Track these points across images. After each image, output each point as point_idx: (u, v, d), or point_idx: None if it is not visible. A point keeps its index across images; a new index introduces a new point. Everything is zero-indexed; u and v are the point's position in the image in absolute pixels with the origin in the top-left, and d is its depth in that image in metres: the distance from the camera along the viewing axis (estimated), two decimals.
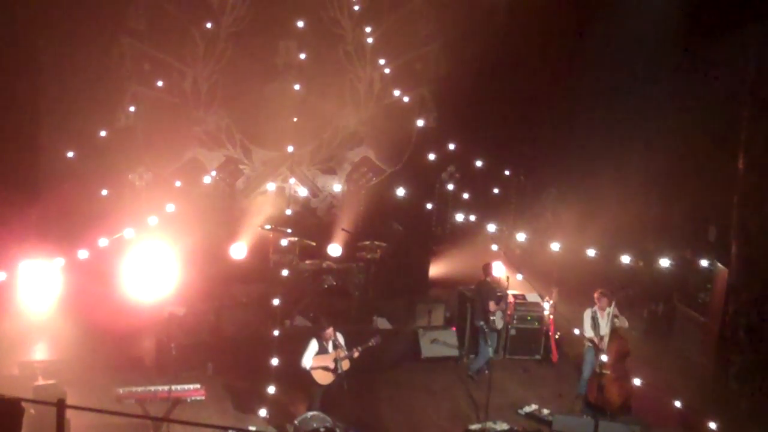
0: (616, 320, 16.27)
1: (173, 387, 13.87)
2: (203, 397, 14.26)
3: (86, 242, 17.01)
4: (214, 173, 20.52)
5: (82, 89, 18.90)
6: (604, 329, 16.14)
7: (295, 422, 14.21)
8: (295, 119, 19.96)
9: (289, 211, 19.49)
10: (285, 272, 17.50)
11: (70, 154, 19.16)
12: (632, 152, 20.05)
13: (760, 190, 16.02)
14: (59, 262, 16.98)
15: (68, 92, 18.83)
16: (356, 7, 21.21)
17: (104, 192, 19.44)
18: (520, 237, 19.72)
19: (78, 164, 19.18)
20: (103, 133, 19.41)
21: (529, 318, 18.99)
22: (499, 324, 18.10)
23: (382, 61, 21.27)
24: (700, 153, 18.75)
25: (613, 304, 16.26)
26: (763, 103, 15.87)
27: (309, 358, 14.76)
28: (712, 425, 14.64)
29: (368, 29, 21.24)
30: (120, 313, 16.74)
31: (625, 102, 19.73)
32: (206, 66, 20.49)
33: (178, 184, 20.05)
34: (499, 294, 18.04)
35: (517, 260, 20.13)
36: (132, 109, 19.89)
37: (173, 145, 20.28)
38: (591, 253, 17.83)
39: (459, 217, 20.55)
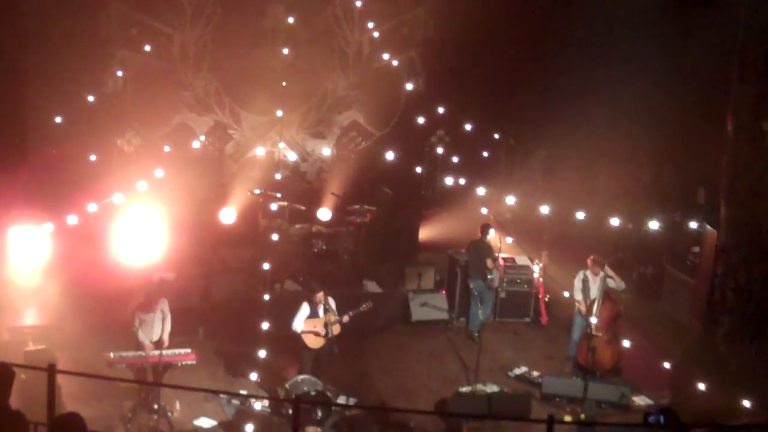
0: (611, 282, 16.29)
1: (164, 352, 13.86)
2: (194, 362, 14.26)
3: (75, 207, 16.97)
4: (202, 138, 20.39)
5: (70, 54, 18.70)
6: (595, 293, 16.16)
7: (286, 386, 14.24)
8: (284, 83, 19.87)
9: (278, 176, 19.43)
10: (275, 237, 17.49)
11: (58, 120, 19.03)
12: (622, 115, 19.99)
13: (749, 153, 15.99)
14: (48, 227, 16.92)
15: (55, 57, 18.64)
16: None
17: (93, 157, 19.33)
18: (510, 200, 19.71)
19: (66, 129, 19.06)
20: (91, 98, 19.26)
21: (518, 281, 19.00)
22: (496, 282, 18.12)
23: (370, 25, 21.15)
24: (690, 115, 18.70)
25: (606, 266, 16.29)
26: (752, 66, 15.81)
27: (300, 322, 14.76)
28: (701, 386, 14.72)
29: None
30: (110, 278, 16.67)
31: (615, 65, 19.63)
32: (194, 30, 20.30)
33: (166, 149, 19.94)
34: (493, 256, 18.06)
35: (506, 223, 20.13)
36: (120, 74, 19.72)
37: (162, 110, 20.13)
38: (581, 216, 17.83)
39: (448, 181, 20.53)
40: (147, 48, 19.90)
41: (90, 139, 19.28)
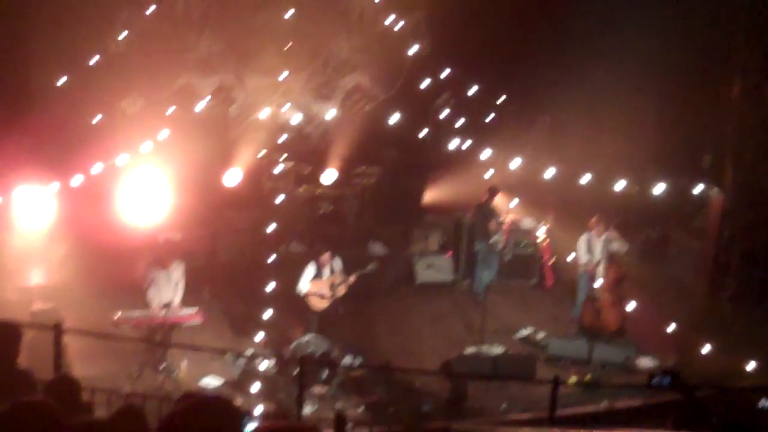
0: (614, 244, 16.31)
1: (170, 311, 13.90)
2: (200, 322, 14.34)
3: (80, 168, 16.93)
4: (207, 100, 20.31)
5: (73, 15, 18.60)
6: (599, 254, 16.18)
7: (292, 346, 14.31)
8: (288, 45, 19.77)
9: (283, 138, 19.41)
10: (280, 198, 17.49)
11: (62, 81, 18.95)
12: (627, 79, 19.88)
13: (755, 117, 15.96)
14: (54, 187, 16.90)
15: (58, 19, 18.54)
16: None
17: (97, 119, 19.25)
18: (515, 163, 19.66)
19: (70, 90, 18.97)
20: (94, 60, 19.17)
21: (523, 243, 19.01)
22: (499, 245, 18.09)
23: None
24: (696, 79, 18.62)
25: (611, 228, 16.29)
26: (758, 30, 15.74)
27: (305, 283, 14.81)
28: (706, 348, 14.77)
29: None
30: (116, 238, 16.68)
31: (621, 29, 19.52)
32: None
33: (171, 110, 19.85)
34: (498, 219, 18.05)
35: (511, 186, 20.09)
36: (123, 34, 19.61)
37: (165, 72, 20.03)
38: (586, 179, 17.81)
39: (453, 144, 20.48)
40: (151, 8, 19.78)
41: (94, 100, 19.18)
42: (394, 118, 20.64)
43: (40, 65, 18.65)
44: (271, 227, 16.61)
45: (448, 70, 20.97)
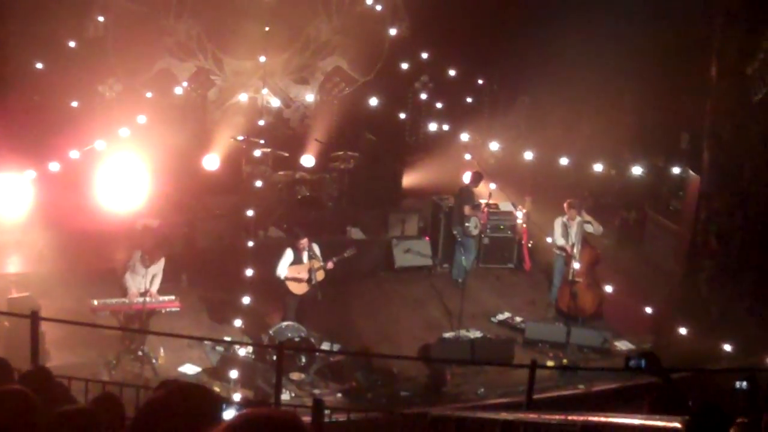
0: (588, 227, 16.33)
1: (148, 299, 13.86)
2: (178, 309, 14.33)
3: (57, 154, 16.83)
4: (185, 84, 20.21)
5: None
6: (575, 237, 16.20)
7: (270, 332, 14.31)
8: (267, 29, 19.67)
9: (261, 122, 19.34)
10: (258, 183, 17.44)
11: (39, 65, 18.81)
12: (605, 60, 19.86)
13: (732, 98, 15.94)
14: (30, 174, 16.79)
15: (35, 2, 18.40)
16: None
17: (74, 104, 19.13)
18: (494, 146, 19.66)
19: (47, 76, 18.84)
20: (72, 44, 19.04)
21: (501, 227, 19.00)
22: (473, 231, 18.04)
23: None
24: (673, 60, 18.62)
25: (583, 211, 16.31)
26: (737, 9, 15.72)
27: (284, 268, 14.77)
28: (683, 330, 14.82)
29: None
30: (93, 225, 16.59)
31: (599, 10, 19.50)
32: None
33: (149, 95, 19.76)
34: (476, 203, 18.03)
35: (490, 169, 20.08)
36: (101, 18, 19.47)
37: (144, 56, 19.91)
38: (564, 161, 17.81)
39: (432, 127, 20.48)
40: None
41: (71, 85, 19.06)
42: (374, 102, 20.60)
43: (16, 49, 18.50)
44: (250, 212, 16.55)
45: (426, 53, 20.94)
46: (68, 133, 17.77)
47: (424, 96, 21.78)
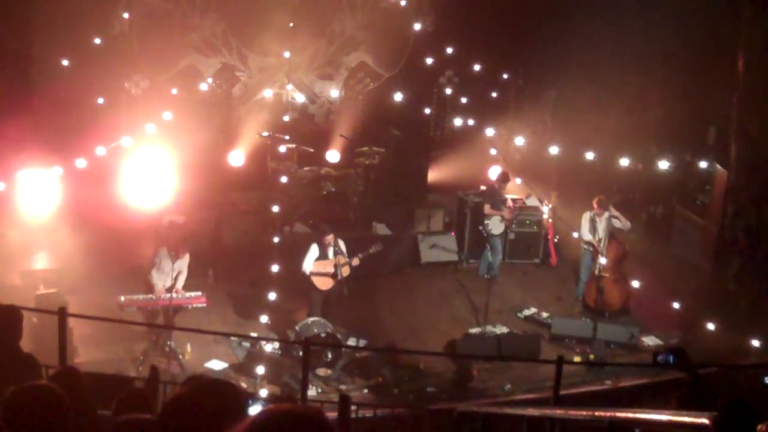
0: (617, 222, 16.29)
1: (174, 295, 13.93)
2: (204, 305, 14.36)
3: (83, 151, 16.92)
4: (210, 80, 20.26)
5: None
6: (602, 232, 16.16)
7: (296, 328, 14.34)
8: (291, 24, 19.70)
9: (286, 118, 19.37)
10: (283, 179, 17.48)
11: (65, 63, 18.92)
12: (632, 54, 19.80)
13: (760, 91, 15.88)
14: (57, 170, 16.90)
15: None
16: None
17: (100, 100, 19.22)
18: (519, 141, 19.63)
19: (73, 72, 18.94)
20: (97, 41, 19.12)
21: (527, 222, 18.98)
22: (494, 229, 17.91)
23: None
24: (700, 53, 18.52)
25: (611, 207, 16.26)
26: (763, 2, 15.65)
27: (309, 263, 14.80)
28: (710, 326, 14.76)
29: None
30: (119, 221, 16.66)
31: (625, 2, 19.43)
32: None
33: (174, 91, 19.82)
34: (501, 200, 17.96)
35: (516, 164, 20.07)
36: (126, 15, 19.55)
37: (169, 53, 19.96)
38: (590, 156, 17.76)
39: (457, 122, 20.45)
40: None
41: (97, 81, 19.15)
42: (398, 97, 20.60)
43: (43, 46, 18.61)
44: (275, 208, 16.60)
45: (451, 48, 20.92)
46: (94, 129, 17.87)
47: (449, 91, 21.75)
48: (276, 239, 16.22)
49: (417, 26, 21.08)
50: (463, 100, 21.57)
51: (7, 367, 7.13)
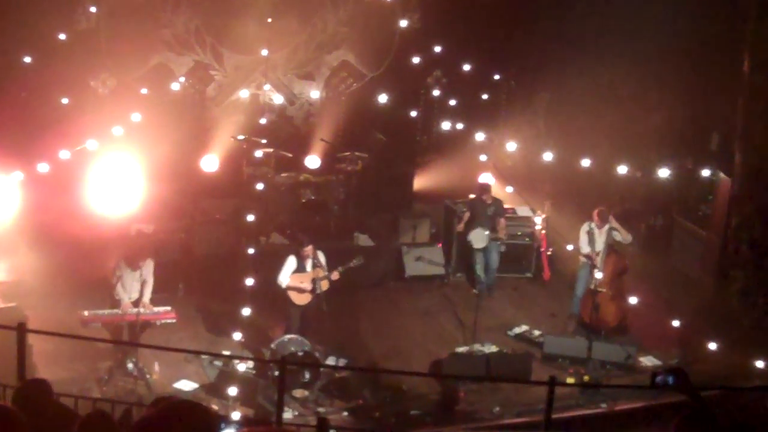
0: (616, 234, 16.29)
1: (142, 310, 13.86)
2: (174, 320, 14.31)
3: (46, 155, 16.81)
4: (182, 80, 20.20)
5: None
6: (601, 245, 16.16)
7: (272, 346, 14.30)
8: (269, 20, 19.67)
9: (263, 120, 19.33)
10: (260, 186, 17.42)
11: (27, 59, 18.82)
12: (630, 54, 19.83)
13: (766, 95, 15.91)
14: (17, 176, 16.80)
15: None
16: None
17: (65, 100, 19.13)
18: (511, 146, 19.61)
19: (35, 70, 18.85)
20: (62, 36, 19.03)
21: (519, 233, 18.97)
22: (476, 243, 17.83)
23: None
24: (704, 55, 18.56)
25: (611, 218, 16.26)
26: None
27: (286, 276, 14.76)
28: (712, 345, 14.75)
29: None
30: (84, 231, 16.58)
31: (622, 1, 19.47)
32: None
33: (144, 91, 19.75)
34: (490, 213, 17.91)
35: (507, 171, 20.05)
36: (93, 9, 19.47)
37: (138, 50, 19.88)
38: (586, 163, 17.76)
39: (445, 126, 20.42)
40: None
41: (62, 80, 19.06)
42: (383, 98, 20.58)
43: (2, 41, 18.52)
44: (251, 217, 16.54)
45: (439, 47, 20.90)
46: (58, 131, 17.76)
47: (436, 92, 21.73)
48: (251, 250, 16.18)
49: (403, 23, 21.06)
50: (452, 102, 21.56)
51: None
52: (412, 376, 14.57)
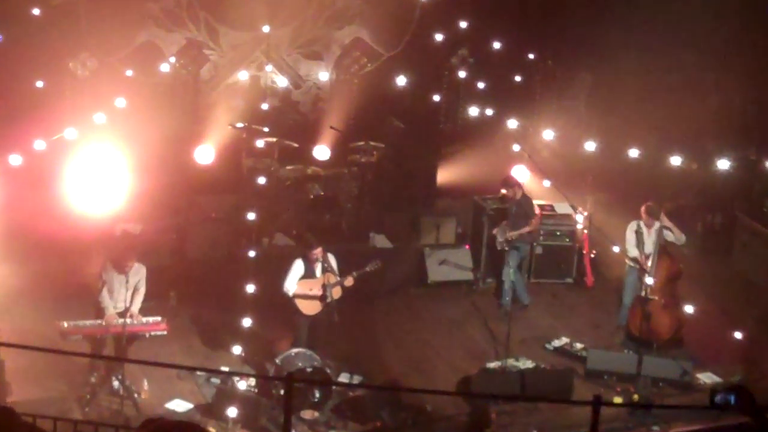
0: (668, 234, 16.27)
1: (128, 320, 13.90)
2: (165, 332, 14.32)
3: (19, 145, 16.88)
4: (173, 60, 20.27)
5: None
6: (650, 247, 16.14)
7: (277, 361, 14.32)
8: None
9: (265, 106, 19.37)
10: (261, 180, 17.47)
11: None
12: (684, 31, 19.84)
13: None
14: None
15: None
16: None
17: (39, 84, 19.21)
18: (548, 135, 19.62)
19: (6, 50, 18.94)
20: (36, 11, 19.11)
21: (558, 233, 18.99)
22: (499, 245, 17.93)
23: None
24: (764, 28, 18.56)
25: (663, 216, 16.24)
26: None
27: (293, 283, 14.78)
28: None
29: None
30: (62, 231, 16.65)
31: None
32: None
33: (129, 73, 19.82)
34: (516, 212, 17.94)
35: (543, 163, 20.04)
36: None
37: (123, 26, 19.95)
38: (634, 154, 17.76)
39: (473, 112, 20.42)
40: None
41: (36, 61, 19.14)
42: (401, 81, 20.58)
43: None
44: (251, 216, 16.58)
45: (466, 22, 20.92)
46: (32, 119, 17.84)
47: (462, 74, 21.74)
48: (252, 253, 16.21)
49: None
50: (480, 84, 21.55)
51: None
52: (437, 395, 14.61)
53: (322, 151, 19.40)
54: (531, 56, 22.37)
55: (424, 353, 16.31)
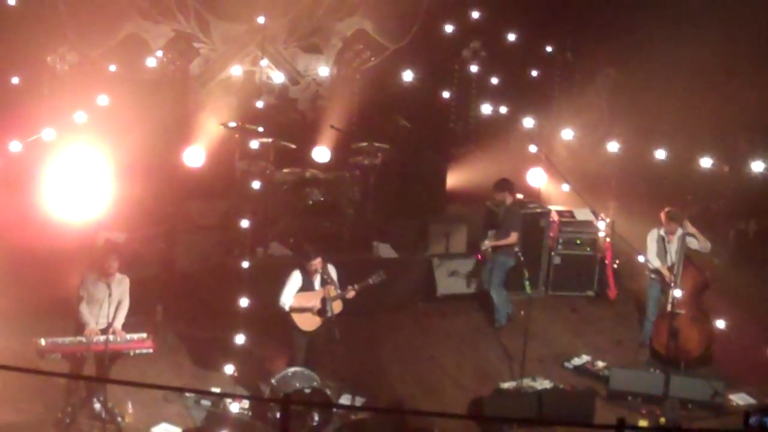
0: (693, 241, 16.27)
1: (111, 337, 13.91)
2: (151, 350, 14.31)
3: None
4: (160, 54, 20.32)
5: None
6: (675, 256, 16.14)
7: (272, 381, 14.31)
8: None
9: (260, 104, 19.39)
10: (256, 185, 17.48)
11: None
12: (713, 21, 19.86)
13: None
14: None
15: None
16: None
17: (15, 80, 19.26)
18: (567, 135, 19.64)
19: None
20: (11, 2, 19.16)
21: (578, 242, 19.02)
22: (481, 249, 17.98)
23: None
24: None
25: (686, 222, 16.23)
26: None
27: (290, 296, 14.79)
28: None
29: None
30: (39, 240, 16.69)
31: None
32: None
33: (112, 68, 19.87)
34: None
35: (562, 165, 20.07)
36: None
37: (106, 17, 20.03)
38: (660, 155, 17.77)
39: (486, 109, 20.45)
40: None
41: (11, 55, 19.20)
42: (408, 76, 20.61)
43: None
44: (245, 223, 16.60)
45: (478, 11, 20.95)
46: (6, 118, 17.89)
47: (474, 68, 21.79)
48: (245, 264, 16.20)
49: None
50: (494, 80, 21.59)
51: None
52: (447, 418, 14.62)
53: (321, 153, 19.48)
54: (549, 49, 22.42)
55: (432, 372, 16.32)
